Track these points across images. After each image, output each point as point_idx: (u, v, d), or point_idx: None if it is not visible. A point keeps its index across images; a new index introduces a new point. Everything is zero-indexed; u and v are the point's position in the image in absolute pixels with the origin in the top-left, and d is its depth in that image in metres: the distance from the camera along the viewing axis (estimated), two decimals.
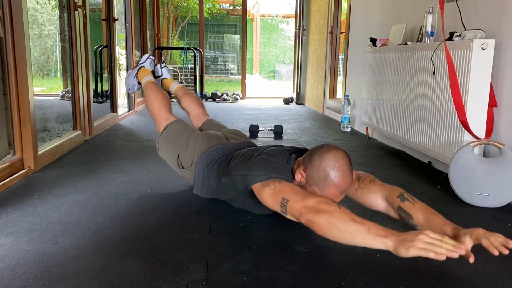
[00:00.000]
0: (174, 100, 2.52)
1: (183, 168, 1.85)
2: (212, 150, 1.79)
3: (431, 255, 1.00)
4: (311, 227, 1.19)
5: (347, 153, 1.41)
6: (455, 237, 1.23)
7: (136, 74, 2.38)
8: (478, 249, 1.42)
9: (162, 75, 2.49)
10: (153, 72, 2.50)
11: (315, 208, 1.18)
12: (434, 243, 1.01)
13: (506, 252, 1.11)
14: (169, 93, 2.40)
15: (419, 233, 1.04)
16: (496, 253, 1.12)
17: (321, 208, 1.17)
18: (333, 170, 1.34)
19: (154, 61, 2.47)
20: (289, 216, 1.28)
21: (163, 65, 2.52)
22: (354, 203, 1.58)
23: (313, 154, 1.40)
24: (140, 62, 2.44)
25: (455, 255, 1.00)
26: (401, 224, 1.40)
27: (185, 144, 1.85)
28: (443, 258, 0.99)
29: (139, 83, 2.37)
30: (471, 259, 1.08)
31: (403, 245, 1.03)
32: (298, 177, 1.42)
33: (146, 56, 2.47)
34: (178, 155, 1.86)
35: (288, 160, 1.48)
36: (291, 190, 1.29)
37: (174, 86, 2.44)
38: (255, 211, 1.64)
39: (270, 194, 1.33)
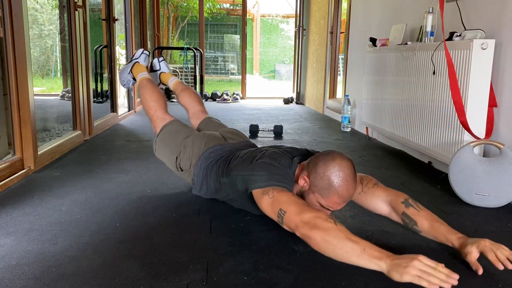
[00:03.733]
0: (174, 100, 2.51)
1: (181, 170, 1.84)
2: (211, 151, 1.78)
3: (424, 284, 1.00)
4: (306, 241, 1.19)
5: (352, 162, 1.39)
6: (461, 247, 1.23)
7: (131, 70, 2.29)
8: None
9: (160, 69, 2.42)
10: (151, 67, 2.43)
11: (311, 224, 1.17)
12: (427, 271, 1.01)
13: (511, 267, 1.11)
14: (169, 91, 2.37)
15: (413, 259, 1.04)
16: (501, 267, 1.12)
17: (317, 224, 1.16)
18: (337, 179, 1.33)
19: (148, 56, 2.38)
20: (285, 227, 1.28)
21: (161, 58, 2.45)
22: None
23: (318, 161, 1.39)
24: (134, 57, 2.34)
25: (448, 286, 1.00)
26: (403, 226, 1.40)
27: (183, 145, 1.84)
28: (435, 287, 1.00)
29: (134, 79, 2.29)
30: (480, 271, 1.08)
31: (396, 270, 1.03)
32: (301, 182, 1.41)
33: (140, 51, 2.35)
34: (177, 157, 1.84)
35: (290, 164, 1.47)
36: (289, 201, 1.28)
37: (172, 81, 2.37)
38: (254, 212, 1.64)
39: (269, 203, 1.32)
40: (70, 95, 3.09)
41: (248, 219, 1.62)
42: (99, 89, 4.21)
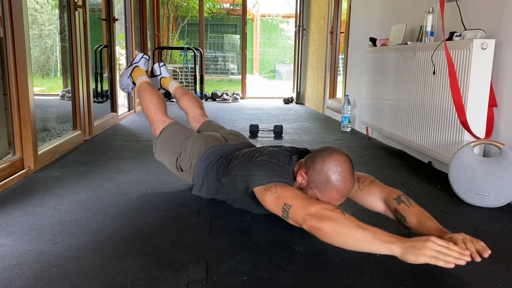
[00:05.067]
0: (174, 100, 2.52)
1: (182, 170, 1.85)
2: (211, 151, 1.78)
3: (441, 264, 1.02)
4: (315, 234, 1.19)
5: (349, 157, 1.40)
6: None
7: (130, 74, 2.31)
8: None
9: (161, 73, 2.45)
10: (152, 72, 2.45)
11: (319, 215, 1.18)
12: (442, 251, 1.04)
13: (478, 259, 1.10)
14: (169, 92, 2.38)
15: (427, 240, 1.05)
16: (467, 258, 1.08)
17: (326, 215, 1.17)
18: (334, 174, 1.34)
19: (148, 60, 2.41)
20: (290, 221, 1.28)
21: (161, 63, 2.48)
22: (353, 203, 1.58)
23: (315, 157, 1.39)
24: (133, 61, 2.37)
25: (463, 262, 1.03)
26: (403, 226, 1.40)
27: (184, 146, 1.84)
28: (452, 266, 1.02)
29: (134, 83, 2.30)
30: (478, 259, 1.08)
31: (412, 252, 1.05)
32: (299, 179, 1.41)
33: (140, 55, 2.38)
34: (177, 158, 1.85)
35: (289, 161, 1.48)
36: (293, 196, 1.29)
37: (173, 85, 2.40)
38: (255, 211, 1.64)
39: (272, 199, 1.33)
40: (70, 95, 3.09)
41: (248, 219, 1.62)
42: (99, 89, 4.21)
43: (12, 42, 2.05)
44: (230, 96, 6.66)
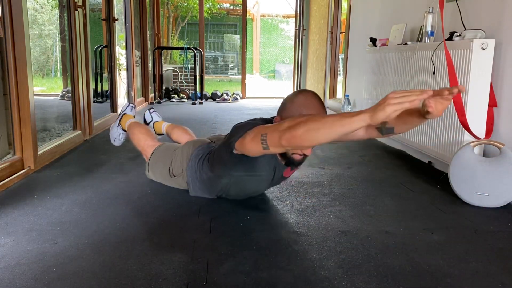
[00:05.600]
0: (174, 100, 2.52)
1: (175, 176, 1.91)
2: (199, 150, 1.85)
3: (406, 105, 1.03)
4: (294, 144, 1.23)
5: (316, 93, 1.51)
6: (421, 108, 1.25)
7: (119, 122, 2.49)
8: (477, 249, 1.42)
9: (152, 119, 2.66)
10: (144, 121, 2.66)
11: (290, 126, 1.23)
12: (404, 95, 1.05)
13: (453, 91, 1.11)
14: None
15: (386, 96, 1.07)
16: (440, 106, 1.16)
17: (295, 123, 1.22)
18: (304, 104, 1.45)
19: (134, 107, 2.65)
20: (272, 149, 1.33)
21: (152, 110, 2.70)
22: None
23: (284, 102, 1.53)
24: (121, 111, 2.57)
25: (426, 95, 1.04)
26: (403, 226, 1.40)
27: (174, 155, 1.93)
28: (416, 103, 1.03)
29: (124, 130, 2.46)
30: (461, 87, 1.09)
31: (378, 110, 1.06)
32: (276, 122, 1.51)
33: (126, 104, 2.61)
34: (169, 168, 1.92)
35: (265, 122, 1.57)
36: (266, 127, 1.36)
37: (165, 125, 2.54)
38: (248, 187, 1.71)
39: (250, 139, 1.38)
40: (70, 95, 3.09)
41: (248, 219, 1.62)
42: (99, 89, 4.21)
43: (12, 42, 2.05)
44: (230, 96, 6.66)
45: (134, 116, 2.54)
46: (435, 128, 2.27)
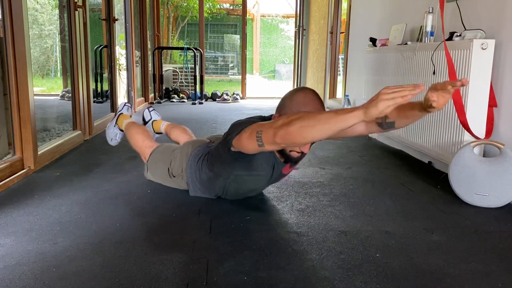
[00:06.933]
0: (174, 100, 2.51)
1: (174, 177, 1.90)
2: (198, 150, 1.85)
3: (399, 101, 1.04)
4: (289, 141, 1.23)
5: (314, 91, 1.51)
6: (424, 101, 1.25)
7: (116, 122, 2.47)
8: (477, 249, 1.42)
9: (151, 118, 2.62)
10: (143, 120, 2.61)
11: (285, 123, 1.23)
12: (396, 91, 1.05)
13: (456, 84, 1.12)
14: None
15: (379, 92, 1.07)
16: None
17: (290, 120, 1.22)
18: (303, 102, 1.45)
19: (130, 107, 2.61)
20: (267, 146, 1.33)
21: (151, 108, 2.66)
22: None
23: (283, 100, 1.53)
24: (117, 111, 2.55)
25: (418, 90, 1.04)
26: (403, 226, 1.40)
27: (173, 156, 1.92)
28: (409, 98, 1.04)
29: (121, 130, 2.44)
30: (465, 81, 1.09)
31: (371, 106, 1.06)
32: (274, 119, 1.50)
33: (122, 104, 2.59)
34: (168, 168, 1.92)
35: (264, 120, 1.56)
36: (262, 124, 1.36)
37: (163, 124, 2.52)
38: (247, 185, 1.70)
39: (247, 137, 1.39)
40: (70, 95, 3.09)
41: (248, 219, 1.62)
42: (99, 89, 4.21)
43: (12, 42, 2.05)
44: (230, 96, 6.66)
45: (131, 116, 2.53)
46: (435, 128, 2.27)
